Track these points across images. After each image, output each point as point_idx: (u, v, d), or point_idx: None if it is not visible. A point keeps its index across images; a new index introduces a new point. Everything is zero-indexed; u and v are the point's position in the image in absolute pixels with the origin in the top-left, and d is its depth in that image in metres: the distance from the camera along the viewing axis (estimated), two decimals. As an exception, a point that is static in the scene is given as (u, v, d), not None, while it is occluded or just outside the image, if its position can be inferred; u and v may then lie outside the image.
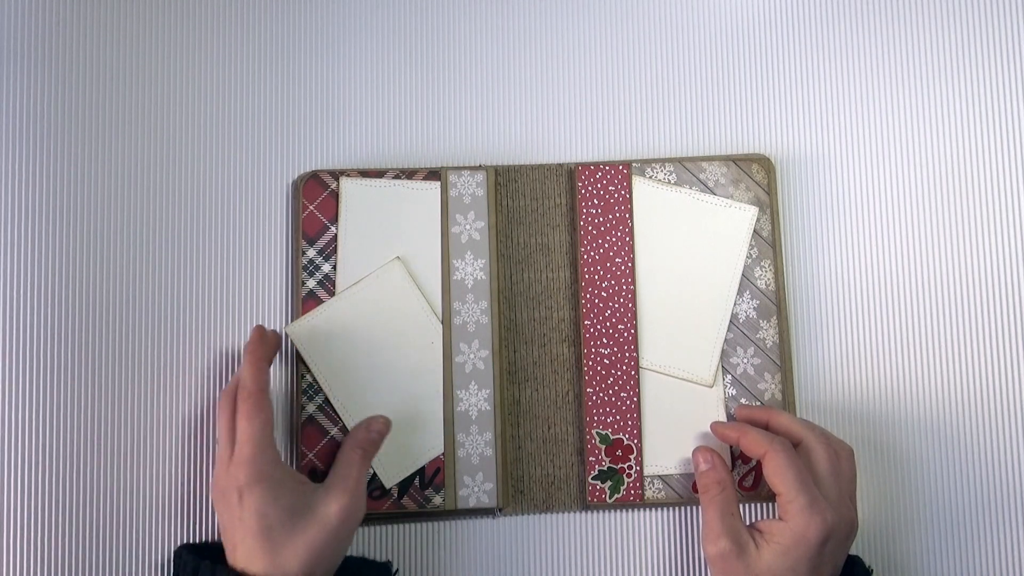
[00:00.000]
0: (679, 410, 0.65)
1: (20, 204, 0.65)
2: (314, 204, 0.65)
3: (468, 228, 0.65)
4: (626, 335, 0.65)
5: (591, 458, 0.64)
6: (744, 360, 0.65)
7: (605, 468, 0.64)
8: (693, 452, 0.62)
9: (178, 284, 0.65)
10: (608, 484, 0.64)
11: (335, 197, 0.65)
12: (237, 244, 0.66)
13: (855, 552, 0.63)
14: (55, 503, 0.63)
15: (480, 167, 0.66)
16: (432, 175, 0.66)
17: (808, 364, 0.66)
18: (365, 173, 0.66)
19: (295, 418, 0.63)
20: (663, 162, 0.67)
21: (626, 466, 0.64)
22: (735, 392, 0.65)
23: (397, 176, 0.66)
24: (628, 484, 0.64)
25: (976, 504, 0.65)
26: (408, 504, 0.63)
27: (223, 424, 0.58)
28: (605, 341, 0.65)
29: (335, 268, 0.65)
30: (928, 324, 0.67)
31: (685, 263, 0.66)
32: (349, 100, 0.68)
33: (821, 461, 0.58)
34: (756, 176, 0.67)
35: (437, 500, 0.63)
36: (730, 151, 0.69)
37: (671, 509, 0.65)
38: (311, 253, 0.65)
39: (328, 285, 0.65)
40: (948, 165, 0.69)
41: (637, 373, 0.65)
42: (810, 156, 0.69)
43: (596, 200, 0.66)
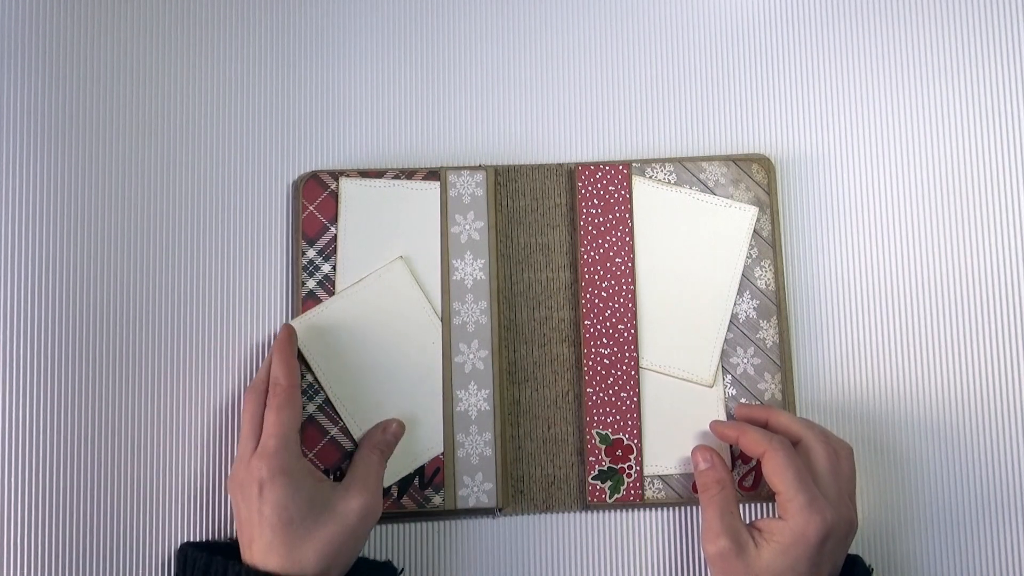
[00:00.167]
0: (679, 410, 0.65)
1: (20, 205, 0.65)
2: (314, 204, 0.65)
3: (467, 228, 0.65)
4: (626, 335, 0.65)
5: (591, 458, 0.64)
6: (744, 360, 0.65)
7: (605, 468, 0.64)
8: (692, 451, 0.62)
9: (178, 284, 0.65)
10: (608, 484, 0.64)
11: (335, 197, 0.65)
12: (237, 244, 0.66)
13: (855, 551, 0.63)
14: (59, 503, 0.63)
15: (480, 167, 0.66)
16: (432, 175, 0.66)
17: (808, 364, 0.66)
18: (365, 173, 0.66)
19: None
20: (663, 162, 0.67)
21: (626, 466, 0.64)
22: (735, 392, 0.65)
23: (397, 176, 0.66)
24: (628, 484, 0.64)
25: (976, 503, 0.65)
26: (408, 504, 0.63)
27: (248, 418, 0.59)
28: (605, 341, 0.65)
29: (335, 268, 0.65)
30: (928, 324, 0.67)
31: (685, 263, 0.66)
32: (349, 100, 0.68)
33: (820, 460, 0.58)
34: (756, 176, 0.67)
35: (437, 500, 0.63)
36: (730, 151, 0.69)
37: (671, 509, 0.65)
38: (311, 253, 0.65)
39: (328, 285, 0.65)
40: (948, 165, 0.69)
41: (637, 373, 0.65)
42: (810, 156, 0.69)
43: (596, 200, 0.66)
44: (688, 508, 0.65)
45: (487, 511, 0.64)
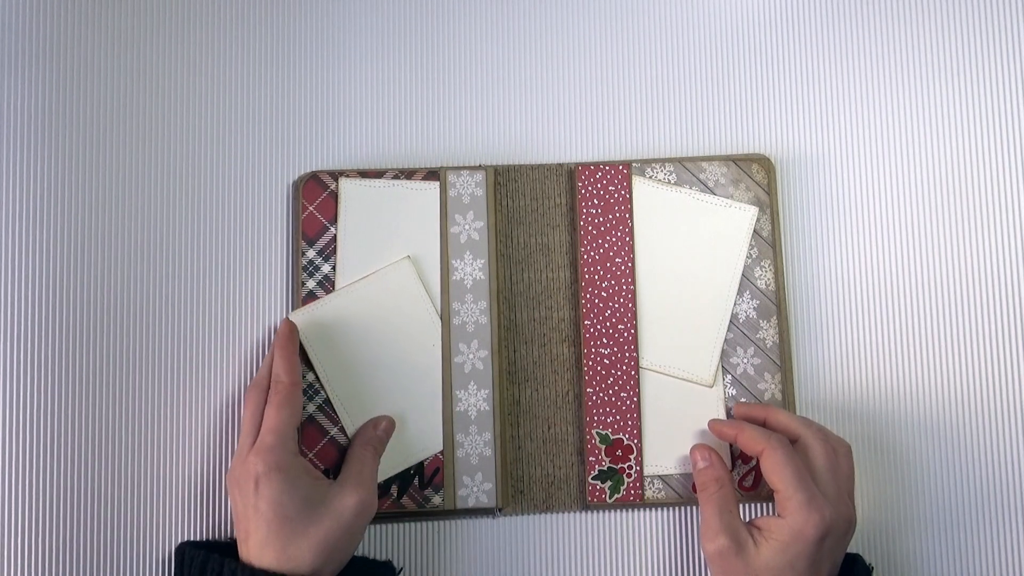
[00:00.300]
0: (679, 410, 0.64)
1: (20, 205, 0.65)
2: (314, 205, 0.65)
3: (467, 228, 0.66)
4: (626, 335, 0.65)
5: (591, 458, 0.64)
6: (744, 360, 0.65)
7: (605, 468, 0.64)
8: (691, 450, 0.62)
9: (178, 284, 0.66)
10: (608, 484, 0.64)
11: (334, 198, 0.66)
12: (237, 245, 0.66)
13: (854, 550, 0.63)
14: (58, 502, 0.63)
15: (479, 167, 0.66)
16: (431, 175, 0.66)
17: (808, 364, 0.66)
18: (364, 174, 0.66)
19: (295, 418, 0.64)
20: (663, 162, 0.67)
21: (626, 466, 0.64)
22: (735, 392, 0.65)
23: (396, 176, 0.66)
24: (628, 484, 0.64)
25: (976, 503, 0.65)
26: (407, 504, 0.63)
27: (249, 415, 0.59)
28: (605, 341, 0.65)
29: (335, 269, 0.65)
30: (928, 324, 0.67)
31: (685, 263, 0.66)
32: (349, 100, 0.68)
33: (819, 457, 0.58)
34: (756, 176, 0.67)
35: (436, 500, 0.63)
36: (730, 151, 0.69)
37: (671, 509, 0.65)
38: (311, 254, 0.65)
39: (328, 286, 0.65)
40: (948, 165, 0.69)
41: (637, 373, 0.65)
42: (810, 156, 0.69)
43: (596, 200, 0.66)
44: (688, 508, 0.65)
45: (487, 511, 0.64)
